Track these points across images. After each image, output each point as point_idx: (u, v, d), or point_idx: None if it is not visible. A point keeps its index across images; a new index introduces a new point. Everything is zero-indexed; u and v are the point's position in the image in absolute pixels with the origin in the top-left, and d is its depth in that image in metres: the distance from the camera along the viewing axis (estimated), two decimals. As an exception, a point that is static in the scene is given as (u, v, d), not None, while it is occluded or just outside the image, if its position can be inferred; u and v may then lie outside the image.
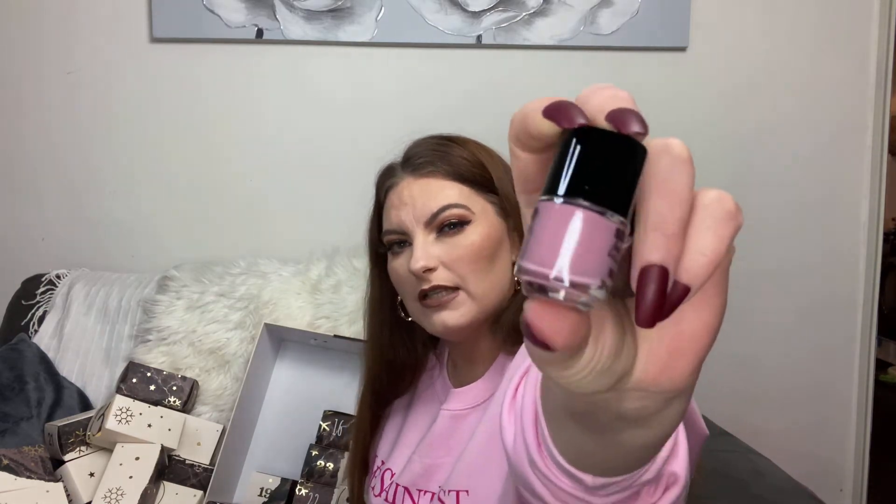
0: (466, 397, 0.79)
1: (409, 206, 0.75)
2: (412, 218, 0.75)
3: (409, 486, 0.80)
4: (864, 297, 1.53)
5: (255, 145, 1.53)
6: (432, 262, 0.73)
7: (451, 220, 0.74)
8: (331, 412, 1.18)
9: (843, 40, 1.49)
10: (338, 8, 1.47)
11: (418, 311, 0.77)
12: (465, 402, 0.79)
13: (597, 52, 1.48)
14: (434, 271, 0.73)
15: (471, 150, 0.78)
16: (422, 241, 0.74)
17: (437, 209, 0.74)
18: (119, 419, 1.13)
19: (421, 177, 0.76)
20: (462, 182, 0.76)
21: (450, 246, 0.74)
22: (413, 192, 0.76)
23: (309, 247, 1.44)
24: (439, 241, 0.74)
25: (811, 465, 1.50)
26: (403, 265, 0.76)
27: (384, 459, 0.87)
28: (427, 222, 0.74)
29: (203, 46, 1.50)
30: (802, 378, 1.53)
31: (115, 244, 1.55)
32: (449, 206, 0.74)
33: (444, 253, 0.73)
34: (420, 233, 0.74)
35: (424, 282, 0.73)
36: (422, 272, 0.73)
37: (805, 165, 1.51)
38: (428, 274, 0.73)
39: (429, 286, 0.73)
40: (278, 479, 1.20)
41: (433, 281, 0.73)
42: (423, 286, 0.73)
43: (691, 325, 0.26)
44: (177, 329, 1.31)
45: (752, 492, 0.99)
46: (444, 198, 0.74)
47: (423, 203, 0.74)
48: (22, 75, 1.52)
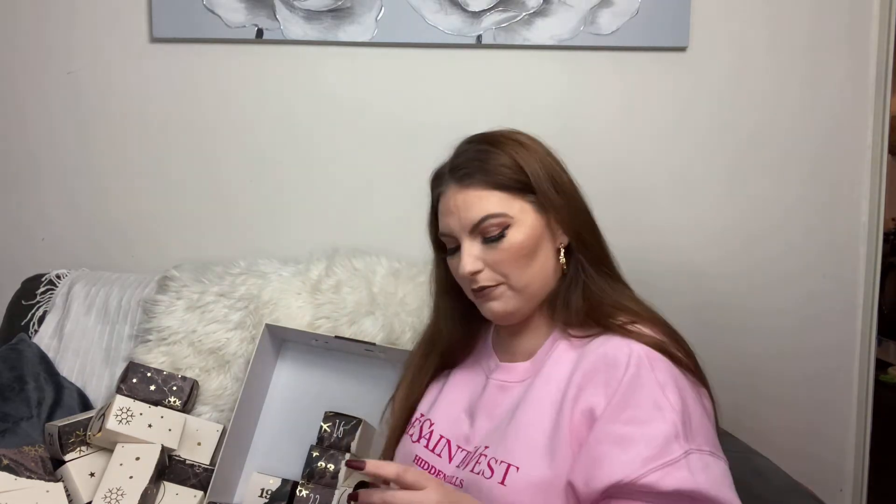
0: (515, 372, 0.88)
1: (455, 216, 0.85)
2: (459, 226, 0.84)
3: (452, 440, 0.88)
4: (864, 297, 1.53)
5: (255, 145, 1.53)
6: (478, 265, 0.84)
7: (492, 228, 0.83)
8: (332, 413, 1.18)
9: (843, 40, 1.48)
10: (338, 8, 1.47)
11: (474, 299, 0.88)
12: (514, 377, 0.87)
13: (597, 52, 1.48)
14: (480, 273, 0.84)
15: (508, 153, 0.85)
16: (468, 247, 0.84)
17: (478, 219, 0.83)
18: (119, 419, 1.13)
19: (464, 188, 0.85)
20: (501, 189, 0.83)
21: (493, 250, 0.83)
22: (458, 202, 0.84)
23: (309, 247, 1.44)
24: (484, 245, 0.84)
25: (811, 465, 1.50)
26: (456, 266, 0.86)
27: (423, 412, 0.95)
28: (471, 230, 0.84)
29: (203, 46, 1.50)
30: (802, 378, 1.53)
31: (115, 244, 1.55)
32: (489, 216, 0.82)
33: (489, 256, 0.83)
34: (466, 239, 0.84)
35: (473, 282, 0.85)
36: (469, 276, 0.84)
37: (805, 165, 1.51)
38: (475, 276, 0.84)
39: (477, 286, 0.84)
40: (279, 479, 1.20)
41: (480, 282, 0.84)
42: (472, 286, 0.85)
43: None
44: (177, 329, 1.31)
45: (752, 492, 0.99)
46: (484, 208, 0.83)
47: (466, 213, 0.84)
48: (22, 75, 1.52)
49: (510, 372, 0.88)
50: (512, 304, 0.85)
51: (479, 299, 0.86)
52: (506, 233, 0.83)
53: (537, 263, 0.85)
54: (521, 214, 0.83)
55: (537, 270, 0.85)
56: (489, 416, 0.86)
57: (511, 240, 0.83)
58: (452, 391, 0.94)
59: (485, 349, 0.95)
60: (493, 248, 0.83)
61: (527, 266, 0.84)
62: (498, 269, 0.84)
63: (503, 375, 0.89)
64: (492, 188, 0.83)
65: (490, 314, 0.86)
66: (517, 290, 0.84)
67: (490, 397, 0.88)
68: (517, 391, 0.85)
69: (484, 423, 0.86)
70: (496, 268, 0.84)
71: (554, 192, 0.84)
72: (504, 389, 0.87)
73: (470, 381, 0.93)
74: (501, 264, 0.83)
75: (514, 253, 0.83)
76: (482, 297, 0.86)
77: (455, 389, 0.94)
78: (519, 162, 0.84)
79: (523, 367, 0.87)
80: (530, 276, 0.84)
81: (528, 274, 0.84)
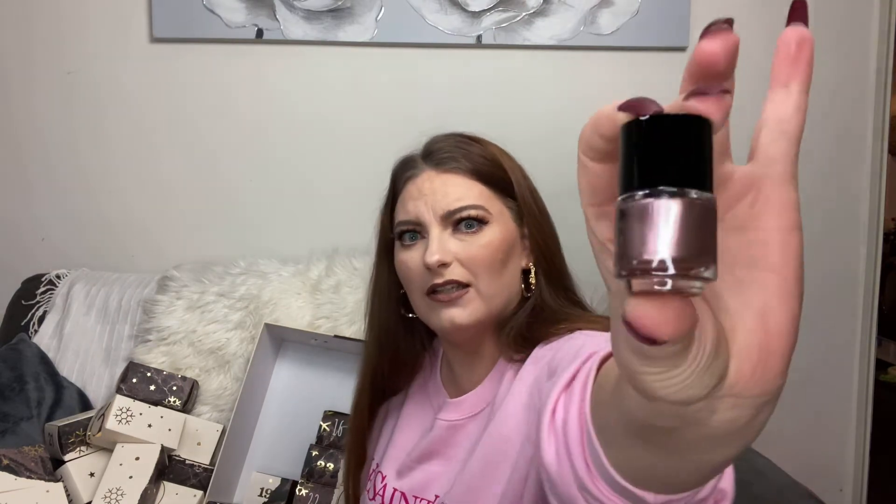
0: (463, 407, 0.78)
1: (428, 199, 0.74)
2: (430, 211, 0.74)
3: (407, 492, 0.79)
4: (864, 297, 1.53)
5: (255, 145, 1.53)
6: (448, 257, 0.72)
7: (469, 218, 0.73)
8: (331, 412, 1.18)
9: (843, 40, 1.49)
10: (338, 8, 1.47)
11: (425, 307, 0.76)
12: (462, 412, 0.78)
13: (597, 52, 1.48)
14: (448, 266, 0.72)
15: (492, 151, 0.79)
16: (438, 234, 0.73)
17: (457, 206, 0.74)
18: (119, 419, 1.13)
19: (443, 171, 0.76)
20: (483, 182, 0.76)
21: (466, 244, 0.73)
22: (434, 185, 0.75)
23: (309, 247, 1.44)
24: (455, 237, 0.74)
25: (811, 465, 1.50)
26: (415, 258, 0.75)
27: (378, 462, 0.87)
28: (444, 217, 0.74)
29: (203, 46, 1.50)
30: (802, 378, 1.53)
31: (116, 244, 1.55)
32: (470, 206, 0.74)
33: (461, 249, 0.73)
34: (437, 227, 0.74)
35: (437, 276, 0.72)
36: (437, 266, 0.72)
37: (805, 165, 1.51)
38: (442, 269, 0.72)
39: (442, 280, 0.72)
40: (278, 479, 1.20)
41: (446, 275, 0.72)
42: (435, 280, 0.72)
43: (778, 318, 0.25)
44: (177, 329, 1.31)
45: (752, 492, 0.99)
46: (466, 197, 0.74)
47: (443, 198, 0.74)
48: (22, 75, 1.52)
49: (459, 408, 0.78)
50: (476, 314, 0.73)
51: (438, 304, 0.73)
52: (483, 228, 0.74)
53: (507, 275, 0.75)
54: (499, 216, 0.76)
55: (506, 283, 0.75)
56: (446, 459, 0.77)
57: (487, 236, 0.74)
58: (404, 433, 0.85)
59: (434, 384, 0.85)
60: (468, 241, 0.73)
61: (499, 273, 0.74)
62: (470, 266, 0.73)
63: (452, 414, 0.78)
64: (474, 178, 0.76)
65: (448, 322, 0.73)
66: (485, 299, 0.73)
67: (442, 439, 0.78)
68: (470, 427, 0.76)
69: (440, 468, 0.77)
70: (468, 264, 0.73)
71: (534, 204, 0.78)
72: (457, 429, 0.77)
73: (421, 420, 0.84)
74: (474, 261, 0.73)
75: (490, 254, 0.73)
76: (442, 302, 0.73)
77: (407, 431, 0.85)
78: (502, 162, 0.78)
79: (471, 401, 0.77)
80: (500, 285, 0.74)
81: (498, 282, 0.74)
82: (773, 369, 0.25)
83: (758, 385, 0.26)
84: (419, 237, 0.76)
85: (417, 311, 0.78)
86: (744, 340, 0.25)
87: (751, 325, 0.25)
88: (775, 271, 0.26)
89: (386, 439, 0.88)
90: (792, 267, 0.25)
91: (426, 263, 0.72)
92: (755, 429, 0.28)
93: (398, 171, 0.82)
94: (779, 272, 0.25)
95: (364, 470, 0.90)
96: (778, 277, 0.25)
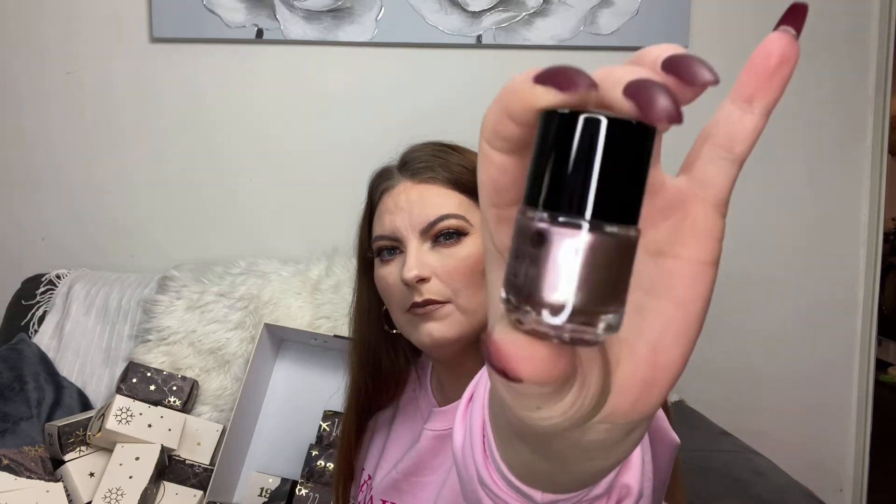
0: (449, 416, 0.74)
1: (405, 212, 0.71)
2: (408, 224, 0.71)
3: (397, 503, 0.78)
4: (864, 297, 1.53)
5: (255, 145, 1.53)
6: (426, 272, 0.69)
7: (448, 229, 0.70)
8: (331, 412, 1.18)
9: (843, 40, 1.49)
10: (338, 8, 1.47)
11: (405, 322, 0.73)
12: (450, 421, 0.74)
13: (597, 52, 1.48)
14: (427, 282, 0.69)
15: (470, 159, 0.75)
16: (416, 249, 0.70)
17: (434, 218, 0.70)
18: (119, 419, 1.13)
19: (419, 182, 0.73)
20: (461, 192, 0.72)
21: (445, 256, 0.70)
22: (411, 197, 0.72)
23: (309, 247, 1.44)
24: (434, 250, 0.71)
25: (811, 465, 1.50)
26: (393, 273, 0.72)
27: (371, 474, 0.85)
28: (423, 230, 0.71)
29: (203, 46, 1.50)
30: (802, 378, 1.53)
31: (115, 244, 1.55)
32: (447, 215, 0.70)
33: (439, 263, 0.70)
34: (414, 240, 0.71)
35: (416, 293, 0.69)
36: (414, 282, 0.69)
37: (805, 166, 1.51)
38: (420, 285, 0.69)
39: (421, 299, 0.69)
40: (278, 479, 1.20)
41: (424, 294, 0.69)
42: (414, 298, 0.69)
43: (670, 355, 0.23)
44: (177, 329, 1.31)
45: (752, 492, 0.99)
46: (443, 206, 0.71)
47: (420, 210, 0.71)
48: (22, 75, 1.52)
49: (446, 417, 0.75)
50: (456, 329, 0.69)
51: (416, 318, 0.70)
52: (462, 240, 0.70)
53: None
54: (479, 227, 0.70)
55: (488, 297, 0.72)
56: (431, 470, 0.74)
57: (467, 249, 0.70)
58: (394, 446, 0.82)
59: (424, 395, 0.83)
60: (447, 254, 0.70)
61: (481, 286, 0.69)
62: (449, 281, 0.69)
63: (439, 424, 0.75)
64: (452, 188, 0.72)
65: (427, 337, 0.70)
66: (466, 314, 0.70)
67: (429, 449, 0.75)
68: None
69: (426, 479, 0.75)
70: (447, 279, 0.69)
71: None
72: (442, 439, 0.74)
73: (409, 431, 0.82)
74: (454, 276, 0.69)
75: (470, 266, 0.69)
76: (420, 316, 0.70)
77: (397, 444, 0.82)
78: None
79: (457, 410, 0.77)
80: (481, 299, 0.70)
81: (480, 296, 0.70)
82: (652, 400, 0.24)
83: (636, 414, 0.24)
84: (398, 252, 0.73)
85: (399, 328, 0.76)
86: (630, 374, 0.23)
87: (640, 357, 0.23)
88: (680, 305, 0.23)
89: (378, 451, 0.86)
90: (699, 304, 0.23)
91: (403, 279, 0.69)
92: (630, 444, 0.26)
93: (374, 184, 0.79)
94: (683, 307, 0.23)
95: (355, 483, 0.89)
96: (681, 312, 0.23)
